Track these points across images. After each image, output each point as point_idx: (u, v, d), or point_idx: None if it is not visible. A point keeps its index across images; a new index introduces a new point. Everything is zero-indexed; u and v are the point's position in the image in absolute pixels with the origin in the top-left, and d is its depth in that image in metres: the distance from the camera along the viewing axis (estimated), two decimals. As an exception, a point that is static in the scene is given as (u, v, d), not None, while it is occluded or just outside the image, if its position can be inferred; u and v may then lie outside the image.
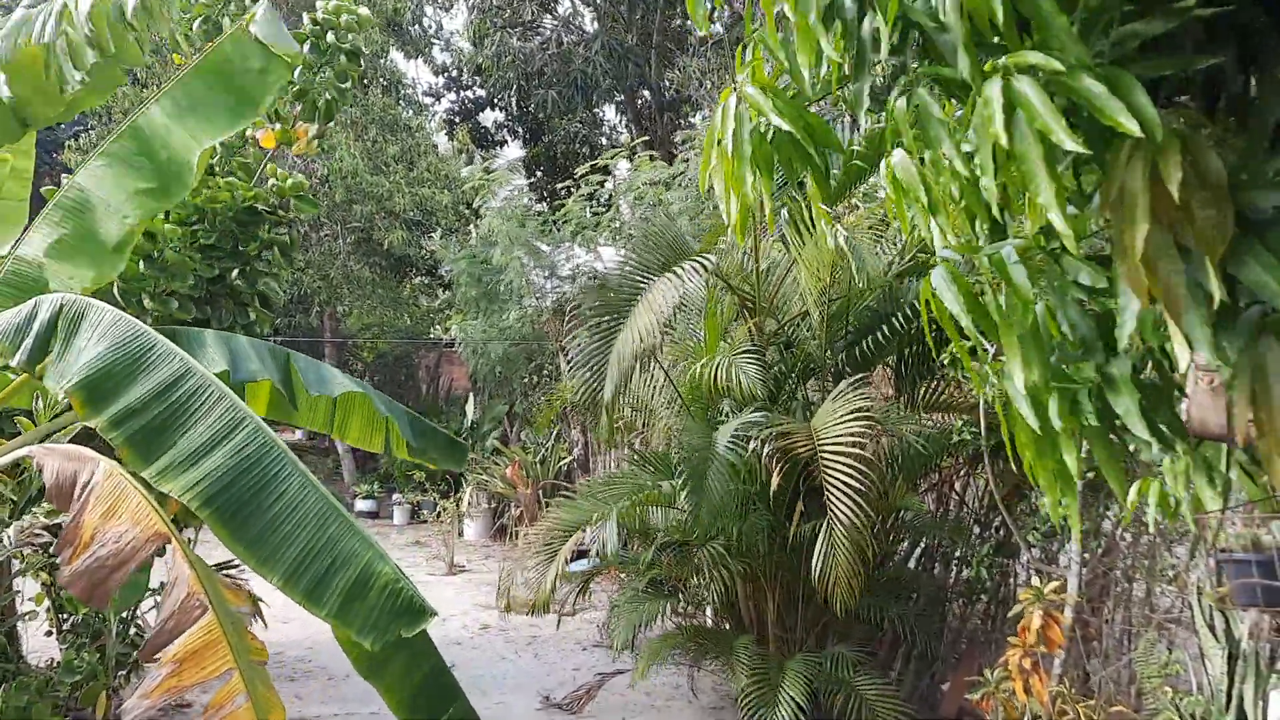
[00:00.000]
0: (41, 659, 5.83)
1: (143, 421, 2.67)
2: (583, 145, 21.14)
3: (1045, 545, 5.83)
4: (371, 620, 2.59)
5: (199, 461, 2.63)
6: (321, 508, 2.70)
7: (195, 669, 2.65)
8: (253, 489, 2.65)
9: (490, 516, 13.31)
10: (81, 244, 3.96)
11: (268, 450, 2.70)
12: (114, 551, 2.67)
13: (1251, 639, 4.17)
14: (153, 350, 2.79)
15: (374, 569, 2.63)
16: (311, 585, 2.60)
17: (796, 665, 5.76)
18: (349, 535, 2.68)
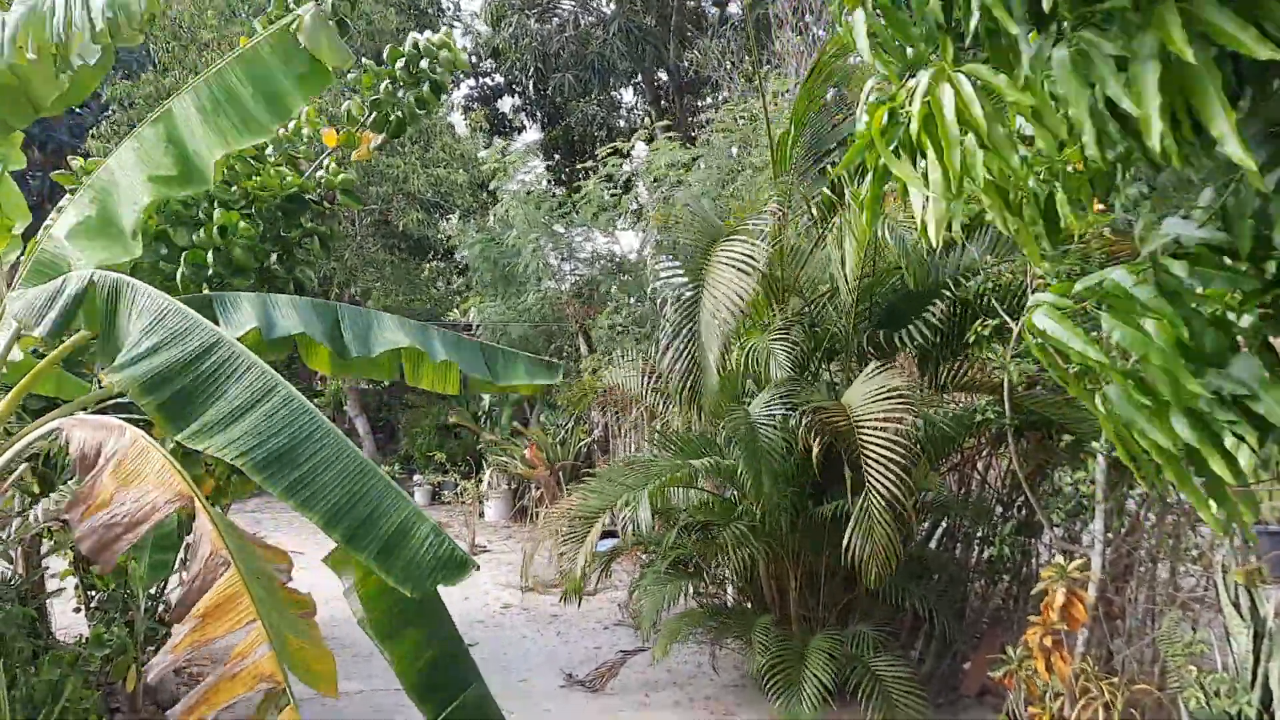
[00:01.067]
0: (70, 635, 5.91)
1: (175, 388, 2.68)
2: (600, 128, 21.10)
3: (1068, 524, 5.82)
4: (412, 568, 2.60)
5: (234, 423, 2.65)
6: (361, 464, 2.73)
7: (218, 622, 2.67)
8: (289, 444, 2.67)
9: (510, 498, 13.36)
10: (102, 227, 3.98)
11: (302, 412, 2.73)
12: (131, 511, 2.70)
13: (1277, 618, 4.16)
14: (184, 324, 2.80)
15: (414, 521, 2.65)
16: (352, 529, 2.60)
17: (820, 644, 5.78)
18: (390, 492, 2.70)
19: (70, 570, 5.93)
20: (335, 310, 4.60)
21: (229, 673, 2.73)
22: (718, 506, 6.48)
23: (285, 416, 2.71)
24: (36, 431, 3.27)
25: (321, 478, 2.65)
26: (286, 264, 6.15)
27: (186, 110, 4.19)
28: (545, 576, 9.53)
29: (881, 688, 5.61)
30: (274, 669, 2.75)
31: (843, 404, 5.65)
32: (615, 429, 12.16)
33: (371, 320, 4.74)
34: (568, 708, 6.25)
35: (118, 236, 4.01)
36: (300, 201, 6.03)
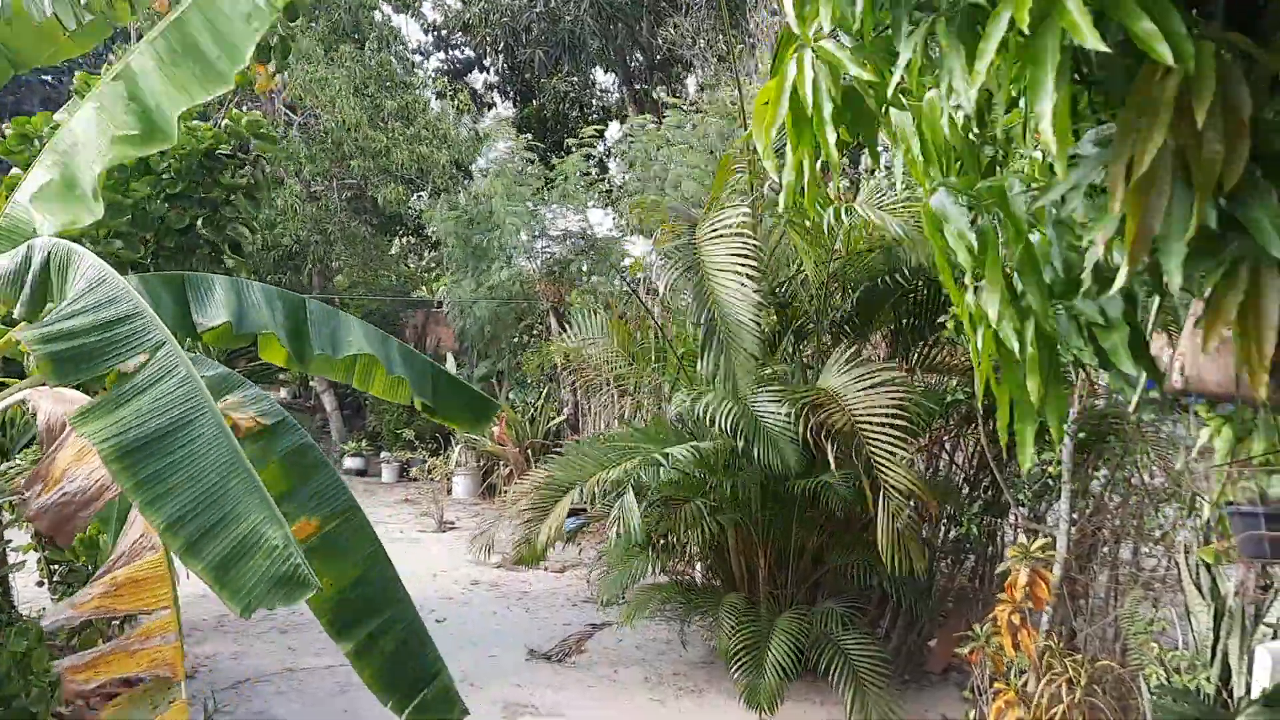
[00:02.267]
0: (33, 609, 5.83)
1: (71, 345, 2.50)
2: (572, 106, 21.00)
3: (1034, 505, 5.90)
4: (248, 586, 2.34)
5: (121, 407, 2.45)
6: (226, 462, 2.48)
7: (131, 597, 2.61)
8: (158, 433, 2.45)
9: (479, 475, 13.34)
10: (64, 189, 3.88)
11: (188, 397, 2.53)
12: (83, 488, 2.64)
13: (1238, 596, 4.25)
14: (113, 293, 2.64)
15: (263, 532, 2.40)
16: (192, 538, 2.36)
17: (785, 624, 5.83)
18: (248, 494, 2.46)
19: (32, 544, 5.84)
20: (303, 306, 4.49)
21: (128, 647, 2.68)
22: (686, 483, 6.50)
23: (168, 401, 2.50)
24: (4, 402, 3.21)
25: (180, 474, 2.43)
26: (216, 224, 6.05)
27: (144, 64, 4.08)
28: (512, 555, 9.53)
29: (849, 665, 5.67)
30: (175, 660, 2.68)
31: (830, 392, 5.68)
32: (585, 408, 12.16)
33: (338, 321, 4.62)
34: (537, 682, 6.27)
35: (80, 199, 3.90)
36: (214, 158, 5.93)
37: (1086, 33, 1.39)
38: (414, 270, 18.14)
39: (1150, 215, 1.50)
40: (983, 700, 5.25)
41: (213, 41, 4.15)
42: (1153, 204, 1.50)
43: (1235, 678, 4.04)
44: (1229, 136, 1.45)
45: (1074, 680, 4.65)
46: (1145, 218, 1.50)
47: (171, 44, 4.15)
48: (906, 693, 6.06)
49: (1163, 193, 1.50)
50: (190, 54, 4.09)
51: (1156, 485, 5.23)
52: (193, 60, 4.09)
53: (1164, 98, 1.45)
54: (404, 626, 3.40)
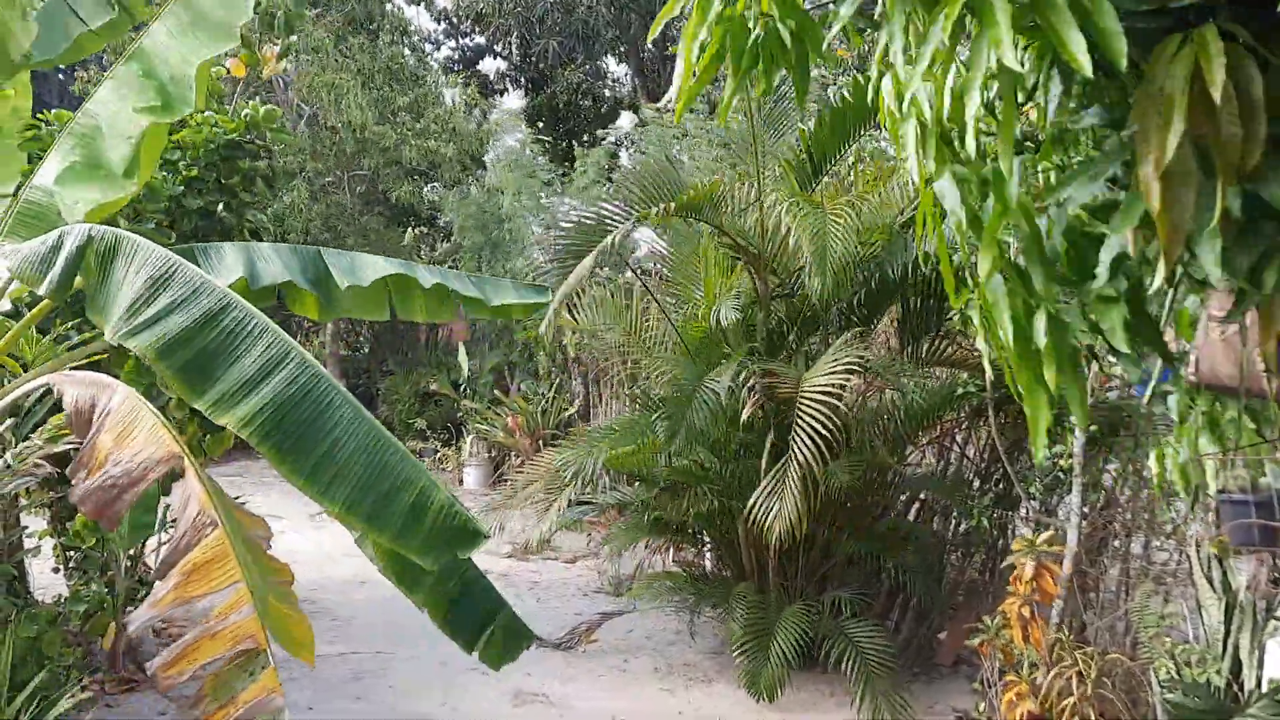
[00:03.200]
0: (48, 595, 5.89)
1: (192, 351, 2.65)
2: (584, 97, 20.99)
3: (1045, 498, 5.89)
4: (430, 542, 2.64)
5: (251, 393, 2.63)
6: (374, 436, 2.73)
7: (202, 580, 2.67)
8: (306, 421, 2.66)
9: (490, 466, 13.37)
10: (90, 170, 3.93)
11: (316, 381, 2.71)
12: (126, 471, 2.69)
13: (1249, 590, 4.23)
14: (191, 282, 2.76)
15: (429, 494, 2.68)
16: (372, 513, 2.63)
17: (792, 614, 5.84)
18: (403, 462, 2.72)
19: (49, 530, 5.90)
20: (318, 252, 4.59)
21: (210, 630, 2.74)
22: (695, 472, 6.52)
23: (303, 386, 2.70)
24: (25, 386, 3.24)
25: (339, 457, 2.65)
26: (236, 211, 6.18)
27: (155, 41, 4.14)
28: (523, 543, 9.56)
29: (859, 655, 5.67)
30: (256, 630, 2.75)
31: (795, 371, 5.71)
32: (595, 398, 12.18)
33: (356, 258, 4.77)
34: (547, 671, 6.29)
35: (109, 176, 3.97)
36: (235, 146, 6.04)
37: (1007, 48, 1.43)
38: (427, 261, 18.19)
39: (1181, 208, 1.48)
40: (992, 692, 5.25)
41: (217, 4, 4.21)
42: (1181, 196, 1.48)
43: (1246, 672, 4.03)
44: (1244, 118, 1.44)
45: (1084, 673, 4.65)
46: (1176, 211, 1.48)
47: (179, 18, 4.20)
48: (916, 685, 6.06)
49: (1190, 184, 1.48)
50: (197, 23, 4.16)
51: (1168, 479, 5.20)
52: (198, 29, 4.15)
53: (1177, 84, 1.44)
54: (463, 572, 3.59)
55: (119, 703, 5.62)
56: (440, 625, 3.54)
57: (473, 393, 14.14)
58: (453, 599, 3.51)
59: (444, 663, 6.41)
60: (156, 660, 2.71)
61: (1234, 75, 1.43)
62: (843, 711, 5.69)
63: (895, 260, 6.13)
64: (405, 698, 5.83)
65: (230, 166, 6.10)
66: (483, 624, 3.59)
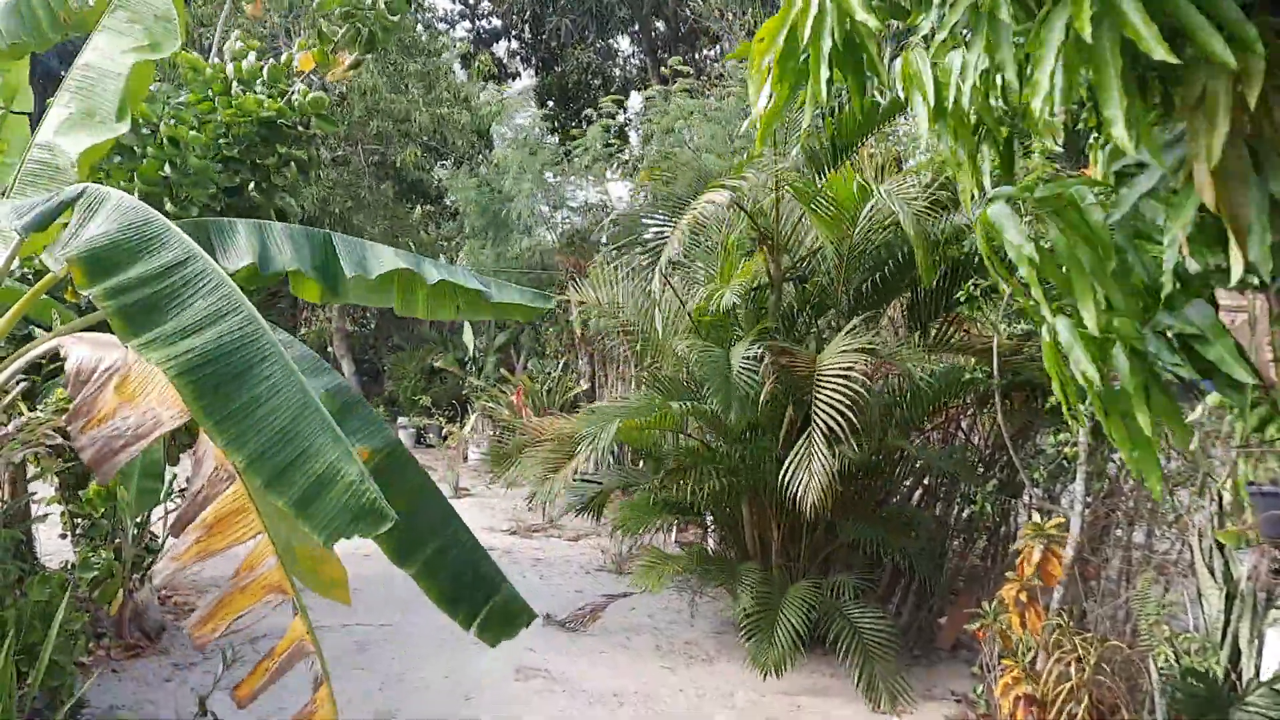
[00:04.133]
0: (55, 561, 5.94)
1: (138, 296, 2.59)
2: (595, 76, 20.93)
3: (1049, 485, 5.90)
4: (329, 517, 2.49)
5: (186, 338, 2.54)
6: (300, 399, 2.60)
7: (224, 534, 2.69)
8: (234, 371, 2.56)
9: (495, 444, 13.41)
10: (86, 118, 3.96)
11: (255, 335, 2.63)
12: (135, 424, 2.70)
13: (1250, 580, 4.25)
14: (161, 235, 2.72)
15: (340, 467, 2.52)
16: (274, 473, 2.49)
17: (798, 592, 5.88)
18: (322, 432, 2.57)
19: (57, 497, 5.94)
20: (329, 238, 4.56)
21: (239, 584, 2.78)
22: (701, 451, 6.55)
23: (238, 340, 2.60)
24: (37, 349, 3.26)
25: (256, 412, 2.54)
26: (266, 191, 6.15)
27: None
28: (527, 521, 9.62)
29: (859, 637, 5.71)
30: (281, 579, 2.79)
31: (810, 352, 5.74)
32: (602, 378, 12.21)
33: (366, 248, 4.73)
34: (549, 648, 6.34)
35: (102, 121, 3.99)
36: (275, 127, 6.00)
37: (1151, 41, 1.37)
38: (433, 239, 18.18)
39: (1240, 203, 1.48)
40: (990, 676, 5.29)
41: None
42: (1238, 193, 1.48)
43: (1245, 661, 4.06)
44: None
45: (1083, 659, 4.68)
46: (1237, 208, 1.48)
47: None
48: (916, 667, 6.10)
49: (1245, 178, 1.48)
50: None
51: (1172, 469, 5.22)
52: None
53: (1221, 85, 1.44)
54: (462, 546, 3.59)
55: (125, 668, 5.68)
56: (436, 600, 3.46)
57: (478, 370, 14.18)
58: (452, 574, 3.45)
59: (447, 636, 6.42)
60: (192, 618, 2.74)
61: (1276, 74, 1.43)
62: (844, 691, 5.73)
63: (905, 246, 6.13)
64: (409, 668, 5.89)
65: (269, 147, 6.05)
66: (482, 600, 3.55)
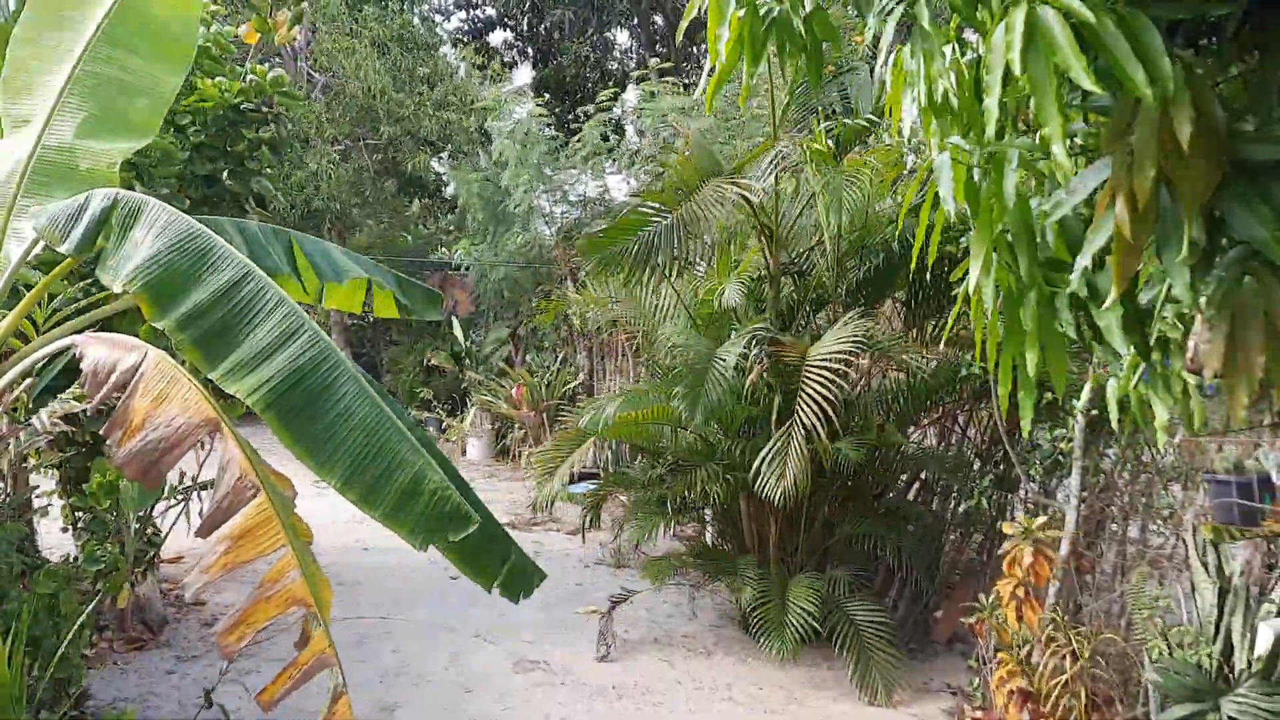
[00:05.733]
0: (57, 554, 5.97)
1: (208, 324, 2.73)
2: (592, 70, 20.92)
3: (1044, 480, 5.95)
4: (421, 524, 2.71)
5: (262, 364, 2.69)
6: (376, 415, 2.78)
7: (250, 546, 2.75)
8: (313, 393, 2.73)
9: (493, 437, 13.46)
10: (110, 121, 4.02)
11: (325, 356, 2.76)
12: (166, 435, 2.76)
13: (1243, 575, 4.30)
14: (211, 250, 2.84)
15: (424, 475, 2.73)
16: (367, 488, 2.70)
17: (803, 583, 5.95)
18: (401, 442, 2.76)
19: (58, 491, 5.97)
20: (292, 240, 4.73)
21: (264, 595, 2.83)
22: (701, 448, 6.59)
23: (312, 361, 2.75)
24: (47, 348, 3.29)
25: (340, 432, 2.72)
26: (241, 178, 6.22)
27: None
28: (525, 516, 9.66)
29: (856, 631, 5.77)
30: (305, 594, 2.86)
31: (801, 343, 5.78)
32: (600, 371, 12.25)
33: (325, 248, 4.93)
34: (547, 639, 6.39)
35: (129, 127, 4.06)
36: (240, 111, 6.08)
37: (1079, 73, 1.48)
38: (432, 232, 18.20)
39: (1138, 239, 1.58)
40: (986, 670, 5.34)
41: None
42: (1142, 229, 1.57)
43: (1237, 653, 4.10)
44: (1208, 154, 1.53)
45: (1077, 653, 4.73)
46: (1134, 245, 1.58)
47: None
48: (912, 661, 6.15)
49: (1152, 219, 1.58)
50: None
51: (1166, 464, 5.27)
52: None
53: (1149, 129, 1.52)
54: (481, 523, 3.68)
55: (128, 661, 5.73)
56: (460, 566, 3.62)
57: (476, 364, 14.21)
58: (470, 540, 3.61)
59: (446, 629, 6.52)
60: (218, 626, 2.81)
61: (1200, 114, 1.51)
62: (840, 684, 5.78)
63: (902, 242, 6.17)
64: (408, 661, 5.93)
65: (235, 133, 6.12)
66: (499, 562, 3.71)
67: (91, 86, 4.12)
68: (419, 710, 5.28)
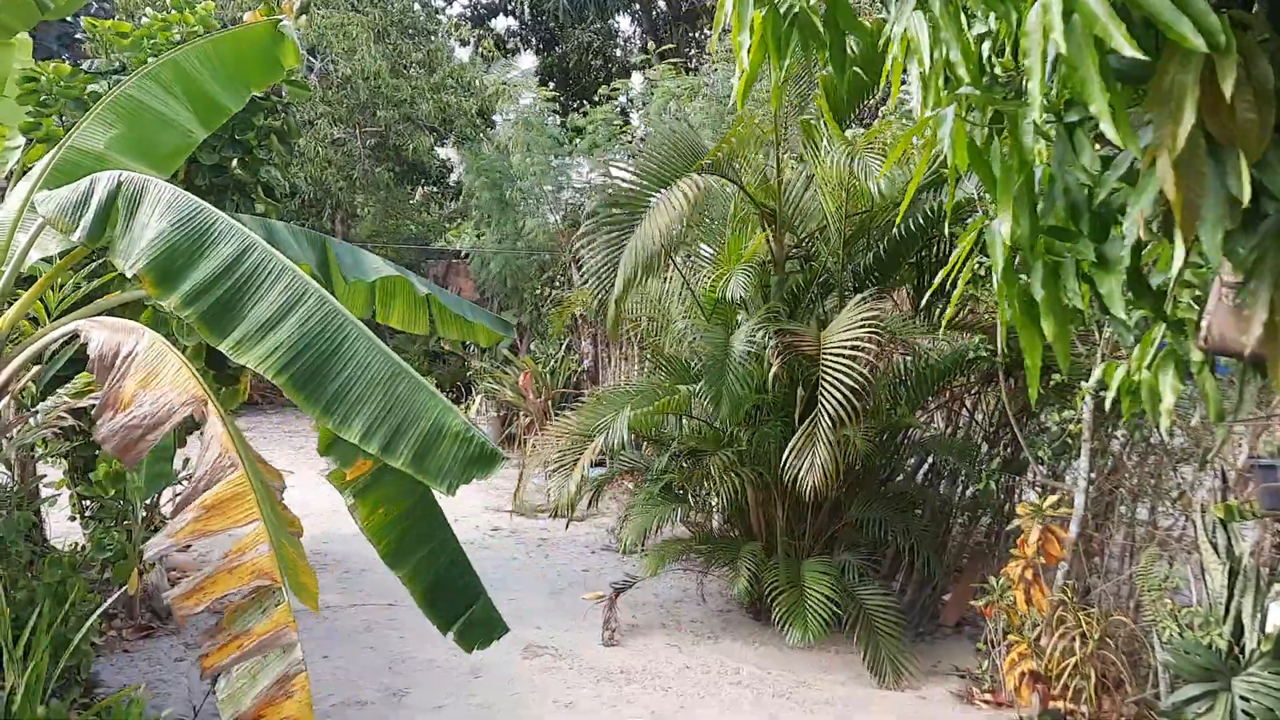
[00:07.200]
0: (64, 543, 5.97)
1: (214, 298, 2.73)
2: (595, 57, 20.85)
3: (1053, 463, 5.93)
4: (446, 467, 2.70)
5: (270, 332, 2.70)
6: (390, 368, 2.78)
7: (221, 517, 2.73)
8: (324, 354, 2.73)
9: (498, 425, 13.45)
10: (140, 144, 4.06)
11: (333, 316, 2.77)
12: (150, 413, 2.75)
13: (1253, 556, 4.29)
14: (214, 226, 2.84)
15: (444, 421, 2.73)
16: (386, 439, 2.69)
17: (815, 568, 5.95)
18: (419, 391, 2.77)
19: (65, 480, 5.97)
20: (325, 242, 4.72)
21: (228, 565, 2.80)
22: (709, 435, 6.58)
23: (320, 323, 2.75)
24: (52, 334, 3.29)
25: (355, 389, 2.72)
26: (250, 168, 6.19)
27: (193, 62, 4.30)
28: (533, 501, 9.65)
29: (865, 615, 5.76)
30: (272, 567, 2.82)
31: (815, 331, 5.75)
32: (604, 359, 12.23)
33: (359, 253, 4.90)
34: (556, 625, 6.39)
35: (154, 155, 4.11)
36: (251, 101, 6.04)
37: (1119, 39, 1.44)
38: (435, 220, 18.16)
39: (1194, 194, 1.53)
40: (995, 652, 5.34)
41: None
42: (1195, 183, 1.52)
43: (1248, 635, 4.09)
44: (1260, 109, 1.48)
45: (1087, 634, 4.72)
46: (1190, 198, 1.52)
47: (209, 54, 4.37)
48: (920, 645, 6.15)
49: (1202, 172, 1.52)
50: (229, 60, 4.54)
51: (1175, 445, 5.25)
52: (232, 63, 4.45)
53: (1190, 78, 1.47)
54: (449, 554, 3.73)
55: (137, 648, 5.74)
56: (419, 603, 3.63)
57: (481, 351, 14.19)
58: (435, 578, 3.62)
59: (455, 615, 6.51)
60: (175, 590, 2.77)
61: (1247, 68, 1.46)
62: (848, 668, 5.78)
63: (909, 224, 6.14)
64: (415, 648, 5.93)
65: (245, 122, 6.07)
66: (461, 608, 3.69)
67: (131, 110, 4.17)
68: (428, 694, 5.29)
